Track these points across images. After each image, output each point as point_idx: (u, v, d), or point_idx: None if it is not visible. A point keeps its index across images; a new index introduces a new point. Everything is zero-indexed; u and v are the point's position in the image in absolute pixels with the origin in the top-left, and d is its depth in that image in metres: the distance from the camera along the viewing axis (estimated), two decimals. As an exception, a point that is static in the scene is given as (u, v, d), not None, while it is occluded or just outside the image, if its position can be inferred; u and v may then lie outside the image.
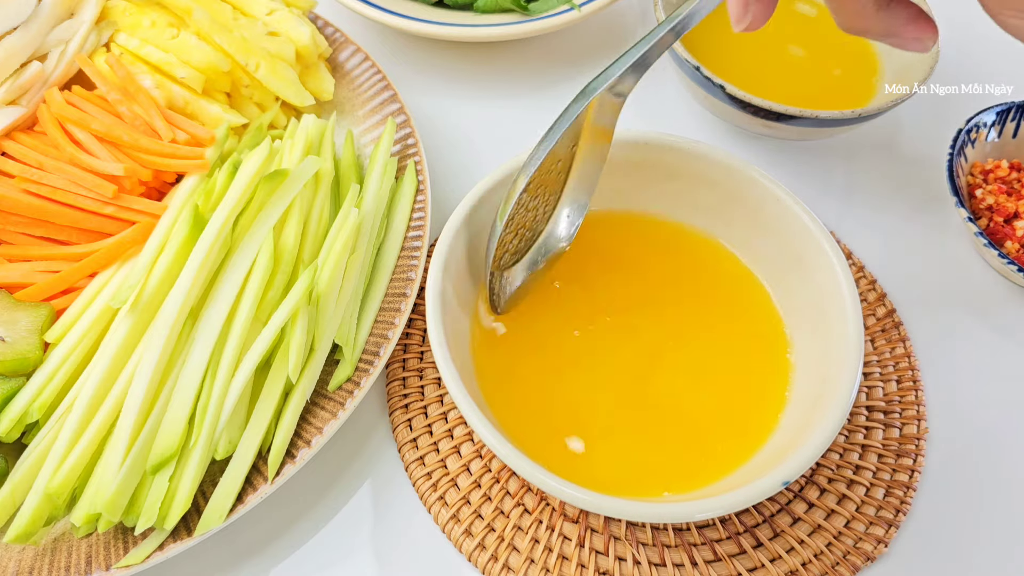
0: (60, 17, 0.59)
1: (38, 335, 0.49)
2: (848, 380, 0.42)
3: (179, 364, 0.46)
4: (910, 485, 0.51)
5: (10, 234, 0.53)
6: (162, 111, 0.57)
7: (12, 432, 0.46)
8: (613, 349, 0.49)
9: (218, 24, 0.60)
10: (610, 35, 0.79)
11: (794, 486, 0.50)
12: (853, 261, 0.61)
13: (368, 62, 0.66)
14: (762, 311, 0.51)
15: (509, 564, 0.47)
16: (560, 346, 0.49)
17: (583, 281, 0.52)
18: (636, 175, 0.53)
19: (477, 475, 0.50)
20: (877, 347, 0.56)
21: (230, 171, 0.53)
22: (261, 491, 0.45)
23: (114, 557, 0.44)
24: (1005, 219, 0.60)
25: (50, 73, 0.58)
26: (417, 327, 0.57)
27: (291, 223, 0.52)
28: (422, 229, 0.57)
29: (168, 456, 0.43)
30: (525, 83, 0.75)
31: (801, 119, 0.60)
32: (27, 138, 0.55)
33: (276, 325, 0.47)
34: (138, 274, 0.49)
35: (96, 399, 0.45)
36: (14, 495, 0.44)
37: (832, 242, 0.46)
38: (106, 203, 0.53)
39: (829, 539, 0.48)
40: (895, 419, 0.53)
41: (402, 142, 0.62)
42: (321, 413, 0.49)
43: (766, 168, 0.67)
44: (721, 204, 0.52)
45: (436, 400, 0.54)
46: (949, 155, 0.60)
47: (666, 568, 0.47)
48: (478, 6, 0.71)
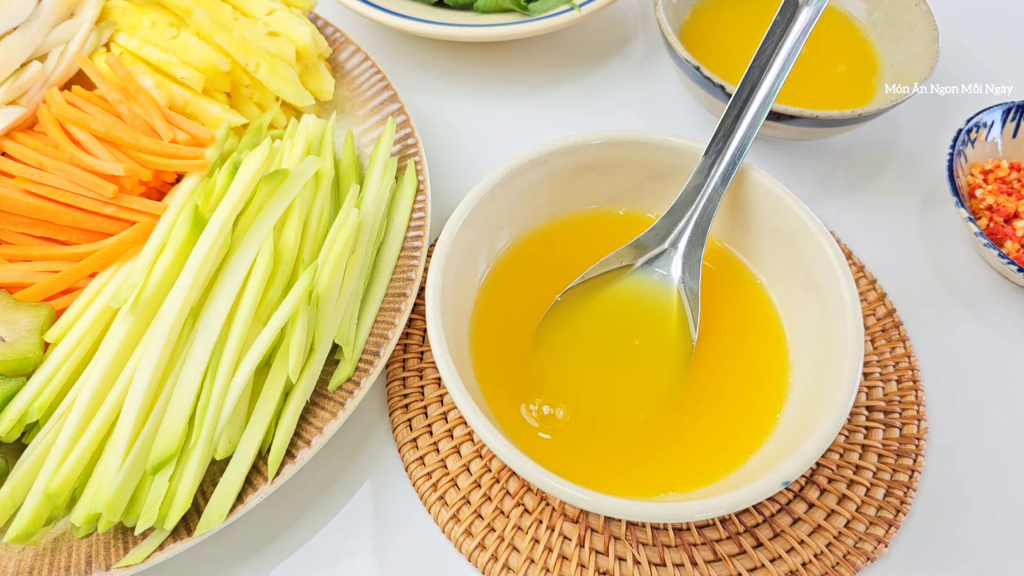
0: (60, 17, 0.59)
1: (38, 335, 0.49)
2: (848, 380, 0.42)
3: (179, 364, 0.46)
4: (910, 485, 0.51)
5: (10, 234, 0.53)
6: (162, 111, 0.57)
7: (12, 432, 0.46)
8: (613, 349, 0.49)
9: (218, 24, 0.60)
10: (610, 35, 0.79)
11: (794, 486, 0.50)
12: (853, 261, 0.61)
13: (368, 62, 0.66)
14: (762, 311, 0.51)
15: (509, 564, 0.47)
16: (561, 347, 0.49)
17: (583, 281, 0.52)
18: (636, 175, 0.53)
19: (477, 475, 0.50)
20: (877, 347, 0.56)
21: (230, 171, 0.53)
22: (261, 491, 0.45)
23: (114, 557, 0.44)
24: (1005, 219, 0.60)
25: (50, 73, 0.58)
26: (417, 327, 0.57)
27: (291, 223, 0.52)
28: (422, 229, 0.57)
29: (168, 456, 0.43)
30: (525, 83, 0.75)
31: (801, 119, 0.60)
32: (27, 138, 0.55)
33: (276, 325, 0.47)
34: (138, 274, 0.49)
35: (96, 399, 0.45)
36: (14, 495, 0.44)
37: (832, 242, 0.46)
38: (106, 203, 0.53)
39: (829, 539, 0.48)
40: (895, 419, 0.53)
41: (402, 142, 0.62)
42: (321, 413, 0.49)
43: (766, 168, 0.67)
44: (721, 204, 0.52)
45: (436, 400, 0.54)
46: (949, 155, 0.60)
47: (666, 568, 0.47)
48: (478, 6, 0.71)
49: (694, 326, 0.49)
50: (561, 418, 0.47)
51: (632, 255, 0.51)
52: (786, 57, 0.49)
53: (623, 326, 0.50)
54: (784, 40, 0.49)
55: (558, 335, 0.50)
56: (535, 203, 0.53)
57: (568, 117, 0.72)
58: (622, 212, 0.55)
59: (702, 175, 0.50)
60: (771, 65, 0.49)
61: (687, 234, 0.50)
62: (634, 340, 0.50)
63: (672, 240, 0.51)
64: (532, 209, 0.53)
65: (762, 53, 0.50)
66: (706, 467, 0.45)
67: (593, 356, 0.49)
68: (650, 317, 0.50)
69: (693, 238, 0.50)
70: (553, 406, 0.47)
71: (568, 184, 0.53)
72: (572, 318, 0.50)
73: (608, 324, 0.50)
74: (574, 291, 0.51)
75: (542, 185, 0.52)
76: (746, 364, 0.49)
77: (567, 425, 0.46)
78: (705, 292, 0.50)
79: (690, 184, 0.50)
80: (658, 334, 0.50)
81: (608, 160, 0.52)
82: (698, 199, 0.50)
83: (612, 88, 0.74)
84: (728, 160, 0.49)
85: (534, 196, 0.52)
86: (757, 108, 0.49)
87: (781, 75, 0.49)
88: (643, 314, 0.51)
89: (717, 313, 0.51)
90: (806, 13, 0.49)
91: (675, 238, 0.51)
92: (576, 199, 0.54)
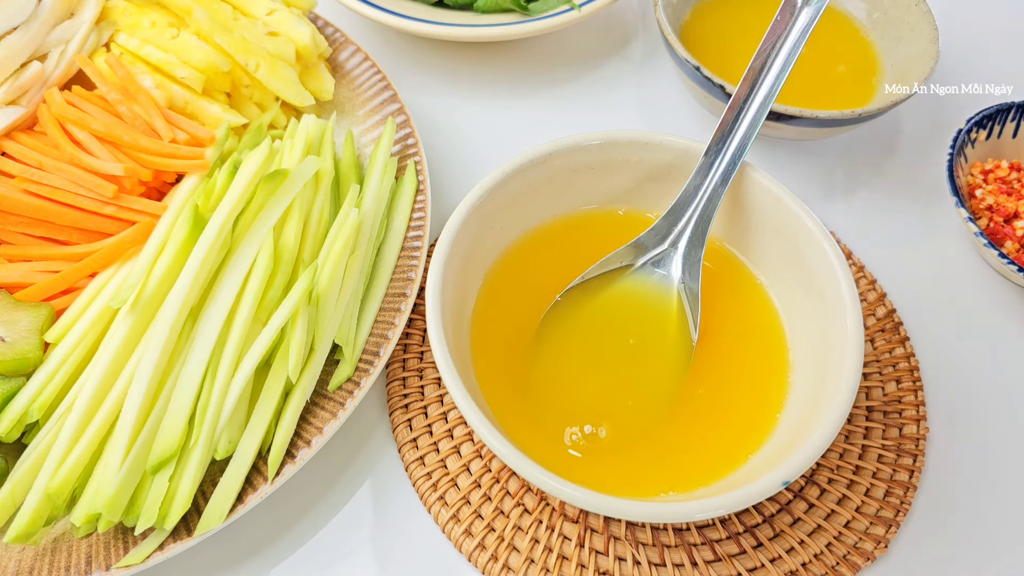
0: (60, 17, 0.59)
1: (38, 335, 0.49)
2: (848, 380, 0.42)
3: (179, 364, 0.46)
4: (910, 485, 0.51)
5: (10, 234, 0.53)
6: (162, 111, 0.57)
7: (12, 432, 0.46)
8: (613, 349, 0.49)
9: (218, 24, 0.60)
10: (610, 35, 0.79)
11: (794, 486, 0.50)
12: (853, 261, 0.61)
13: (368, 62, 0.66)
14: (762, 311, 0.51)
15: (509, 564, 0.47)
16: (561, 347, 0.49)
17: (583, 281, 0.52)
18: (636, 175, 0.53)
19: (477, 475, 0.50)
20: (877, 347, 0.56)
21: (230, 171, 0.53)
22: (261, 491, 0.45)
23: (114, 557, 0.44)
24: (1005, 219, 0.60)
25: (50, 73, 0.58)
26: (417, 327, 0.57)
27: (291, 223, 0.52)
28: (422, 229, 0.57)
29: (168, 456, 0.43)
30: (525, 83, 0.75)
31: (801, 119, 0.60)
32: (27, 138, 0.55)
33: (276, 325, 0.47)
34: (138, 274, 0.49)
35: (96, 399, 0.45)
36: (14, 495, 0.44)
37: (832, 242, 0.46)
38: (106, 203, 0.53)
39: (829, 539, 0.48)
40: (895, 419, 0.53)
41: (402, 142, 0.62)
42: (321, 413, 0.49)
43: (766, 168, 0.67)
44: (721, 204, 0.52)
45: (436, 400, 0.54)
46: (949, 155, 0.60)
47: (666, 568, 0.47)
48: (478, 6, 0.71)
49: (694, 326, 0.49)
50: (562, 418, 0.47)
51: (632, 255, 0.51)
52: (786, 57, 0.49)
53: (623, 326, 0.50)
54: (784, 40, 0.49)
55: (558, 335, 0.50)
56: (535, 203, 0.53)
57: (568, 117, 0.72)
58: (622, 212, 0.55)
59: (702, 175, 0.50)
60: (771, 65, 0.49)
61: (687, 234, 0.50)
62: (634, 340, 0.50)
63: (672, 240, 0.51)
64: (532, 209, 0.53)
65: (762, 53, 0.50)
66: (706, 467, 0.45)
67: (593, 356, 0.49)
68: (650, 317, 0.50)
69: (693, 238, 0.50)
70: (554, 406, 0.47)
71: (568, 184, 0.53)
72: (572, 318, 0.50)
73: (608, 324, 0.50)
74: (574, 291, 0.51)
75: (542, 185, 0.52)
76: (746, 364, 0.49)
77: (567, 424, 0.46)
78: (705, 292, 0.50)
79: (690, 184, 0.50)
80: (658, 334, 0.50)
81: (608, 160, 0.52)
82: (698, 199, 0.50)
83: (612, 88, 0.74)
84: (728, 160, 0.49)
85: (534, 196, 0.52)
86: (757, 108, 0.49)
87: (781, 75, 0.49)
88: (643, 314, 0.51)
89: (717, 313, 0.51)
90: (806, 13, 0.49)
91: (675, 238, 0.51)
92: (576, 199, 0.54)
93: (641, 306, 0.51)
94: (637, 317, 0.51)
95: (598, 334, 0.50)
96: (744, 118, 0.49)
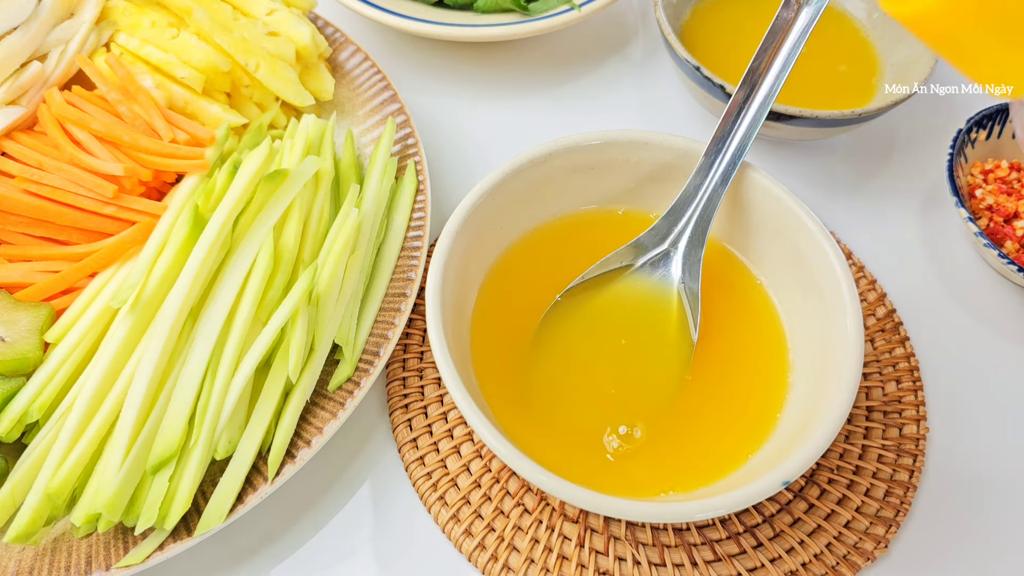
0: (60, 17, 0.59)
1: (38, 335, 0.49)
2: (848, 380, 0.42)
3: (179, 364, 0.46)
4: (910, 485, 0.51)
5: (10, 234, 0.53)
6: (162, 111, 0.57)
7: (12, 432, 0.46)
8: (613, 349, 0.49)
9: (218, 24, 0.60)
10: (610, 35, 0.79)
11: (794, 486, 0.50)
12: (853, 261, 0.61)
13: (368, 62, 0.66)
14: (762, 311, 0.51)
15: (509, 564, 0.47)
16: (561, 347, 0.49)
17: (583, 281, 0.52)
18: (636, 175, 0.53)
19: (477, 475, 0.50)
20: (877, 347, 0.56)
21: (230, 171, 0.53)
22: (261, 491, 0.45)
23: (114, 557, 0.44)
24: (1005, 219, 0.60)
25: (50, 73, 0.58)
26: (417, 327, 0.57)
27: (291, 223, 0.52)
28: (422, 229, 0.57)
29: (168, 456, 0.43)
30: (525, 83, 0.75)
31: (801, 119, 0.60)
32: (27, 138, 0.55)
33: (276, 325, 0.47)
34: (138, 274, 0.49)
35: (96, 399, 0.45)
36: (14, 495, 0.44)
37: (832, 242, 0.46)
38: (106, 203, 0.53)
39: (829, 539, 0.48)
40: (895, 419, 0.53)
41: (402, 142, 0.62)
42: (321, 413, 0.49)
43: (766, 168, 0.67)
44: (721, 204, 0.52)
45: (436, 400, 0.54)
46: (949, 155, 0.60)
47: (666, 568, 0.47)
48: (478, 6, 0.71)
49: (694, 326, 0.49)
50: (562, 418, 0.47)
51: (632, 255, 0.51)
52: (786, 57, 0.49)
53: (623, 326, 0.50)
54: (784, 40, 0.49)
55: (558, 335, 0.50)
56: (535, 203, 0.53)
57: (568, 117, 0.72)
58: (622, 212, 0.55)
59: (702, 175, 0.50)
60: (771, 65, 0.49)
61: (687, 234, 0.50)
62: (634, 340, 0.50)
63: (672, 240, 0.51)
64: (532, 209, 0.53)
65: (762, 53, 0.50)
66: (706, 467, 0.45)
67: (593, 356, 0.49)
68: (650, 317, 0.50)
69: (693, 238, 0.50)
70: (553, 406, 0.47)
71: (568, 184, 0.53)
72: (572, 318, 0.50)
73: (608, 324, 0.50)
74: (574, 291, 0.51)
75: (542, 185, 0.52)
76: (746, 364, 0.49)
77: (567, 425, 0.46)
78: (705, 292, 0.50)
79: (690, 184, 0.50)
80: (658, 334, 0.50)
81: (608, 160, 0.52)
82: (698, 199, 0.50)
83: (612, 88, 0.74)
84: (728, 160, 0.49)
85: (534, 196, 0.52)
86: (757, 108, 0.49)
87: (781, 75, 0.49)
88: (643, 314, 0.51)
89: (717, 313, 0.51)
90: (806, 13, 0.49)
91: (675, 238, 0.51)
92: (576, 199, 0.54)
93: (641, 306, 0.51)
94: (637, 317, 0.51)
95: (598, 334, 0.50)
96: (744, 118, 0.49)
